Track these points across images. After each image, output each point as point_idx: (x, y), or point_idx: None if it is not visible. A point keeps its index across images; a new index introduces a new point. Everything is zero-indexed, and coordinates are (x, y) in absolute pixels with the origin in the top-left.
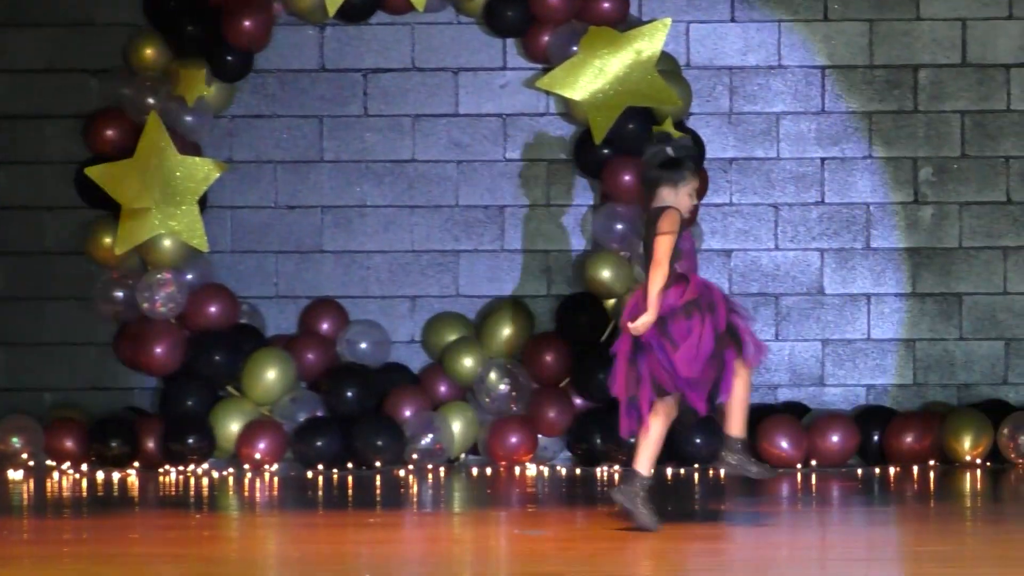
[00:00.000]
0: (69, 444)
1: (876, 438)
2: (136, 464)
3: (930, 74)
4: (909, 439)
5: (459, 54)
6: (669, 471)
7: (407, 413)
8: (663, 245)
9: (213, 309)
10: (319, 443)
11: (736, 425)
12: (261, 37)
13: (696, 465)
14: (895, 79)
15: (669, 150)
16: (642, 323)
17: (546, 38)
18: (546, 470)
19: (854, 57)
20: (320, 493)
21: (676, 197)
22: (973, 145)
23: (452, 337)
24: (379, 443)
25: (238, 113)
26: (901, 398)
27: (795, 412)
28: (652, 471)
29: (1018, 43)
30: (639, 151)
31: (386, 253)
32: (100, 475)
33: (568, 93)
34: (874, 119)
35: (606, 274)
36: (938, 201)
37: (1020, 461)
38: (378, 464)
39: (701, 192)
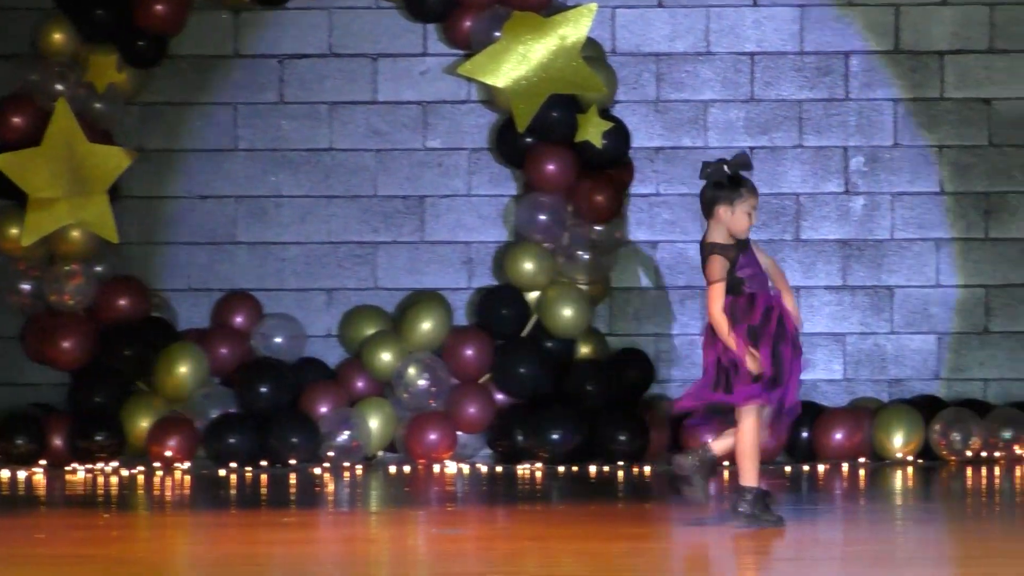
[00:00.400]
0: None
1: (805, 434)
2: (43, 462)
3: (862, 61)
4: (839, 436)
5: (378, 40)
6: (593, 469)
7: (323, 409)
8: (714, 294)
9: (123, 302)
10: (232, 440)
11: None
12: (174, 22)
13: (621, 463)
14: (826, 66)
15: (726, 168)
16: (746, 361)
17: (468, 23)
18: (466, 468)
19: (784, 43)
20: (233, 492)
21: (732, 216)
22: (905, 134)
23: (370, 331)
24: (294, 440)
25: (150, 100)
26: (831, 393)
27: (723, 409)
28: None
29: (951, 29)
30: (563, 139)
31: (302, 245)
32: (5, 473)
33: (490, 80)
34: (804, 107)
35: (529, 266)
36: (869, 192)
37: (952, 458)
38: (293, 462)
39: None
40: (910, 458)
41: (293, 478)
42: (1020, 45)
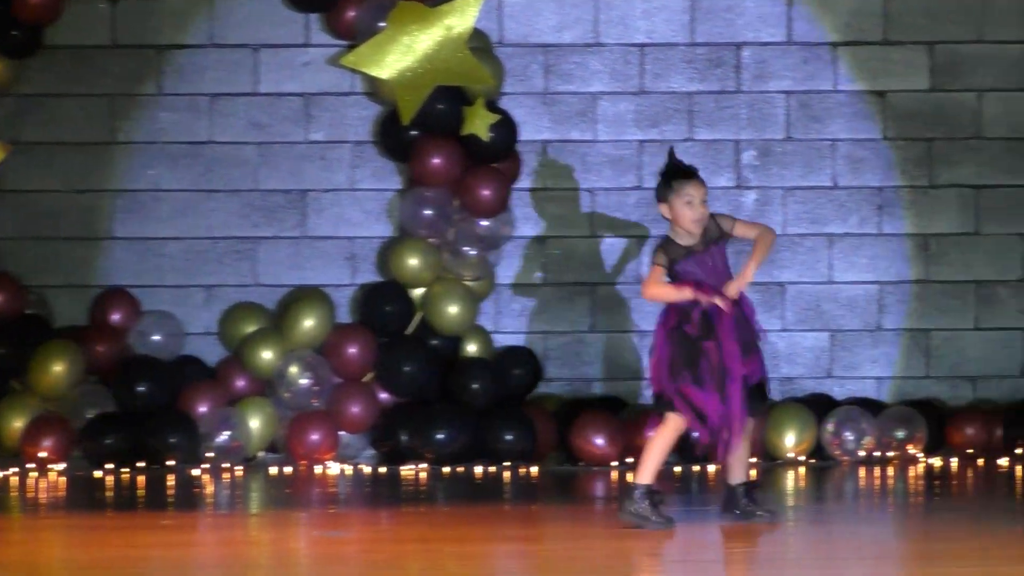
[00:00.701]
0: None
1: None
2: None
3: (754, 52)
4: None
5: (259, 30)
6: (479, 469)
7: (202, 409)
8: (650, 275)
9: None
10: (109, 440)
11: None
12: (50, 11)
13: (507, 463)
14: (717, 57)
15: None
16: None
17: (352, 13)
18: (349, 469)
19: (674, 34)
20: (110, 493)
21: (674, 211)
22: (798, 127)
23: (250, 328)
24: (172, 440)
25: (25, 92)
26: None
27: (611, 407)
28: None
29: (845, 20)
30: (449, 132)
31: (181, 240)
32: None
33: (374, 71)
34: (695, 100)
35: (413, 262)
36: (761, 186)
37: (845, 458)
38: (171, 462)
39: (693, 195)
40: (802, 458)
41: (171, 479)
42: (914, 36)
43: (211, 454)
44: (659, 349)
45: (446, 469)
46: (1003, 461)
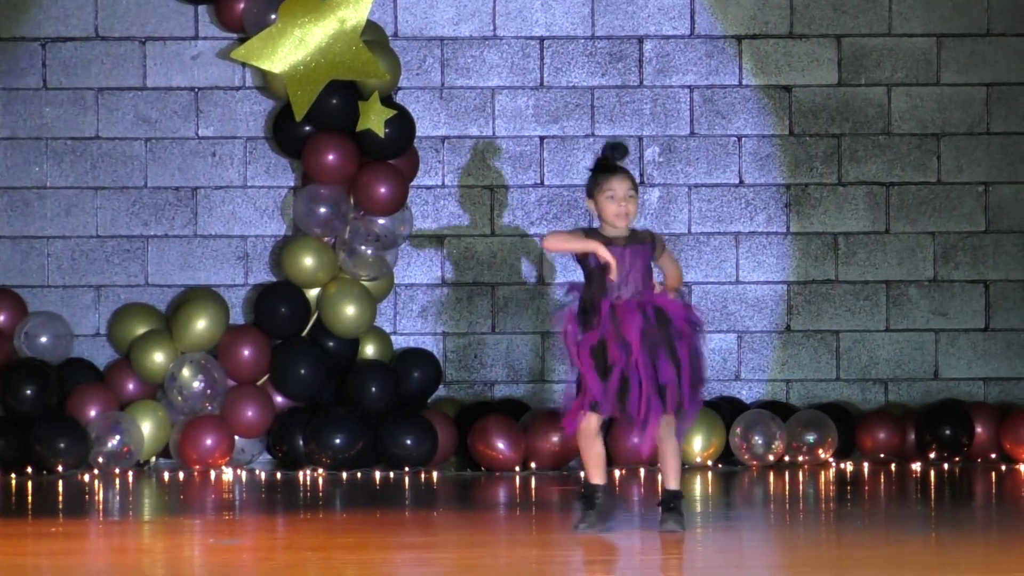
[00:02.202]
0: None
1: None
2: None
3: (656, 46)
4: (635, 439)
5: (146, 22)
6: (377, 474)
7: (92, 413)
8: (548, 239)
9: None
10: None
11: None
12: None
13: (407, 468)
14: (619, 51)
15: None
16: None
17: (241, 5)
18: (244, 474)
19: (575, 27)
20: None
21: (598, 205)
22: (703, 123)
23: (141, 330)
24: (61, 445)
25: None
26: None
27: (513, 411)
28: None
29: (750, 13)
30: (343, 128)
31: (68, 239)
32: None
33: (266, 65)
34: (597, 94)
35: (308, 261)
36: (665, 183)
37: (754, 463)
38: (60, 468)
39: (621, 189)
40: (710, 463)
41: (60, 485)
42: (820, 30)
43: (101, 460)
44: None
45: (343, 474)
46: (915, 466)
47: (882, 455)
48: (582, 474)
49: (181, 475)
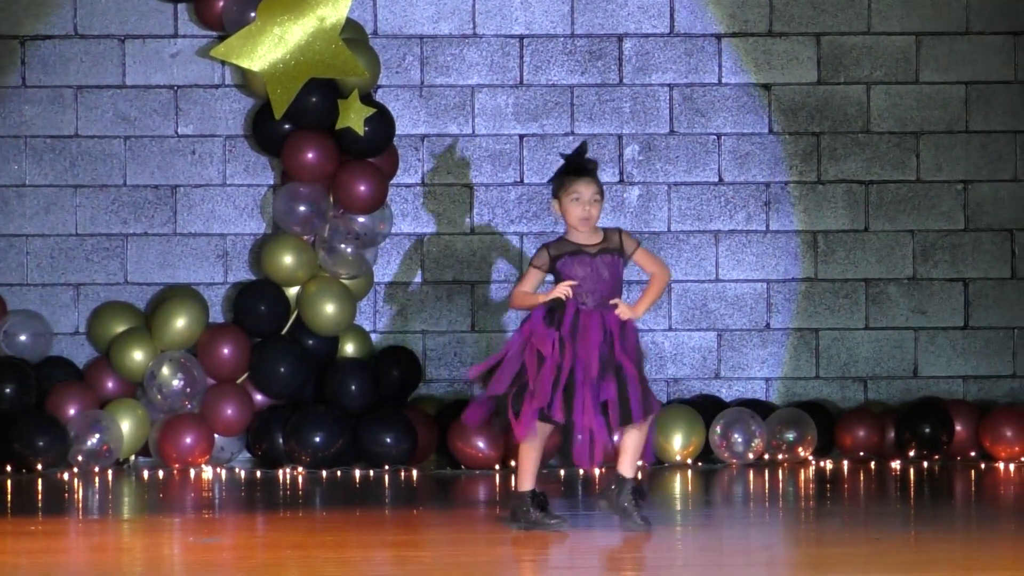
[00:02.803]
0: None
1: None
2: None
3: (636, 44)
4: (615, 437)
5: (126, 20)
6: (357, 473)
7: (71, 411)
8: (521, 278)
9: None
10: None
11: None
12: None
13: (387, 466)
14: (598, 49)
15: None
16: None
17: (221, 3)
18: (223, 472)
19: (554, 25)
20: None
21: (563, 207)
22: (682, 121)
23: (120, 328)
24: (40, 444)
25: None
26: None
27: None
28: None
29: (729, 11)
30: (323, 126)
31: (47, 237)
32: None
33: (245, 63)
34: (576, 93)
35: (288, 260)
36: (645, 181)
37: (734, 461)
38: (39, 467)
39: (586, 192)
40: (689, 461)
41: (40, 484)
42: (799, 28)
43: (80, 458)
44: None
45: (323, 473)
46: (895, 464)
47: (861, 453)
48: (525, 477)
49: (161, 473)
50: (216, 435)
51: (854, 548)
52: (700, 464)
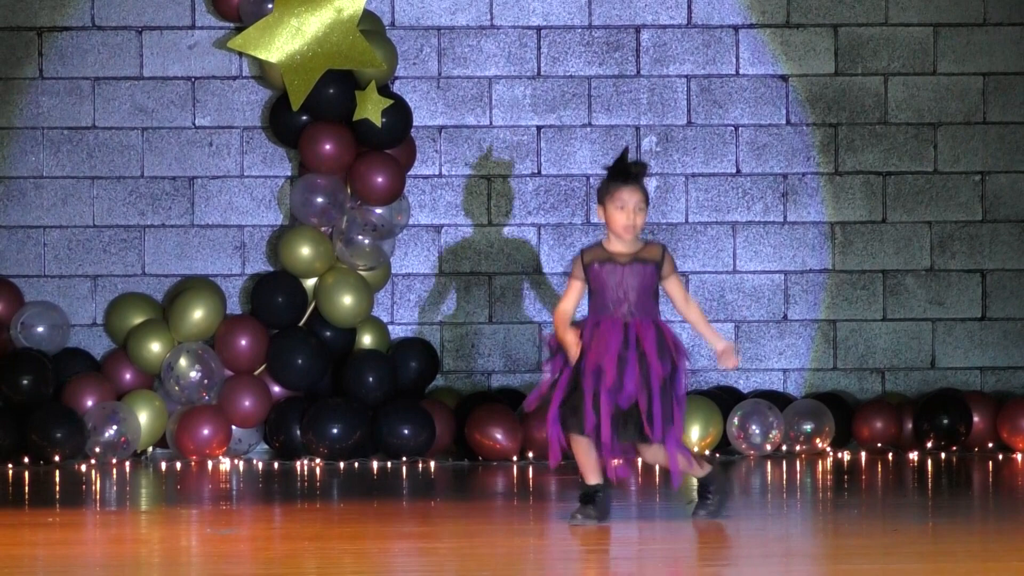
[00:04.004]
0: None
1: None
2: None
3: (653, 35)
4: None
5: (143, 11)
6: (375, 464)
7: (88, 403)
8: (565, 292)
9: None
10: None
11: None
12: None
13: (404, 458)
14: (616, 41)
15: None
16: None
17: None
18: (241, 464)
19: (572, 17)
20: None
21: (607, 214)
22: (700, 112)
23: (137, 320)
24: (58, 435)
25: None
26: None
27: (510, 401)
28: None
29: (746, 3)
30: (340, 118)
31: (64, 228)
32: None
33: (263, 55)
34: (594, 84)
35: (305, 251)
36: (663, 172)
37: (752, 452)
38: (57, 458)
39: (626, 200)
40: (707, 452)
41: (57, 475)
42: (817, 19)
43: (98, 449)
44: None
45: (341, 464)
46: (913, 455)
47: (879, 444)
48: (584, 471)
49: (178, 465)
50: (233, 427)
51: (871, 539)
52: (718, 455)
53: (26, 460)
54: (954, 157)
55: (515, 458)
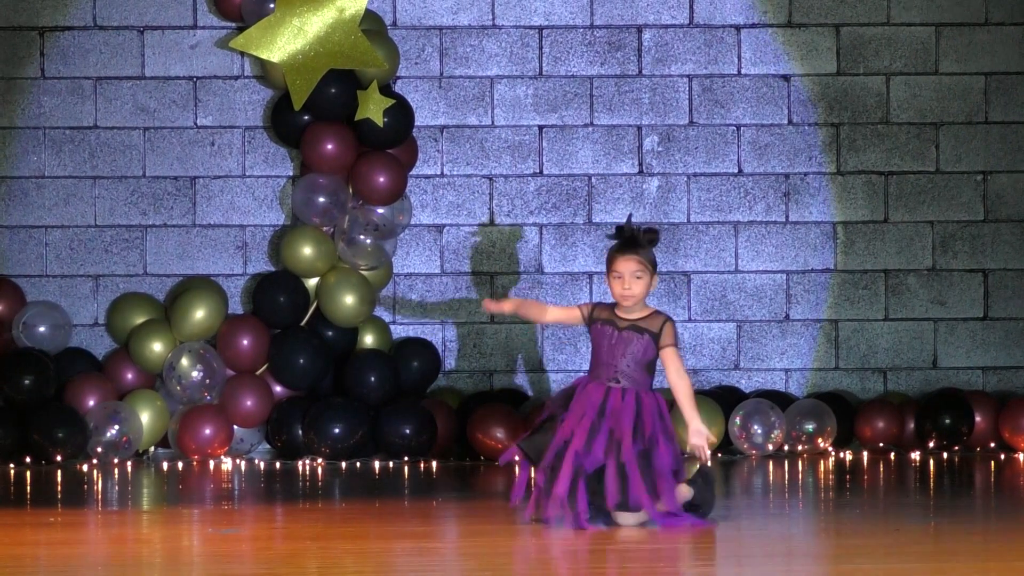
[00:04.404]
0: None
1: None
2: None
3: (655, 35)
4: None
5: (145, 11)
6: (377, 464)
7: (90, 403)
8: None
9: None
10: None
11: None
12: None
13: (406, 458)
14: (618, 40)
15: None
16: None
17: None
18: (243, 464)
19: (573, 16)
20: None
21: (608, 280)
22: (702, 112)
23: (139, 320)
24: (59, 435)
25: None
26: None
27: (512, 401)
28: None
29: (748, 2)
30: (342, 117)
31: (66, 228)
32: None
33: (264, 54)
34: (595, 84)
35: (307, 251)
36: (664, 172)
37: (754, 452)
38: (58, 458)
39: (618, 259)
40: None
41: (59, 475)
42: (819, 19)
43: (99, 449)
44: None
45: (343, 464)
46: (915, 455)
47: (881, 444)
48: None
49: (180, 465)
50: (235, 426)
51: (873, 539)
52: (720, 455)
53: (28, 460)
54: (956, 157)
55: (517, 458)
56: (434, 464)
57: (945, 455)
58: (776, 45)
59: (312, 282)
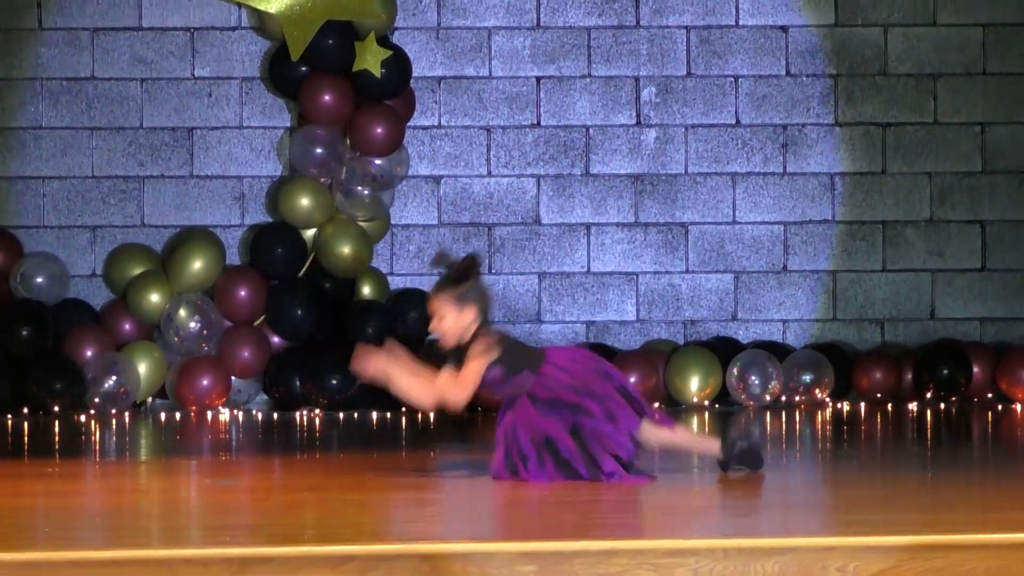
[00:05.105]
0: None
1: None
2: None
3: None
4: (631, 379)
5: None
6: (375, 415)
7: (88, 354)
8: None
9: None
10: None
11: None
12: None
13: (404, 409)
14: None
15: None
16: None
17: None
18: (240, 415)
19: None
20: None
21: None
22: (699, 63)
23: (137, 271)
24: (57, 386)
25: None
26: (623, 335)
27: None
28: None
29: None
30: (339, 69)
31: (63, 179)
32: None
33: (261, 5)
34: (593, 35)
35: (304, 202)
36: (662, 123)
37: (751, 403)
38: (56, 409)
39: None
40: (706, 403)
41: (56, 426)
42: None
43: (97, 400)
44: None
45: (340, 415)
46: (912, 406)
47: (879, 395)
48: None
49: (177, 416)
50: (233, 377)
51: (871, 490)
52: (717, 406)
53: (25, 411)
54: (954, 108)
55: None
56: (432, 415)
57: (942, 406)
58: None
59: (309, 233)
